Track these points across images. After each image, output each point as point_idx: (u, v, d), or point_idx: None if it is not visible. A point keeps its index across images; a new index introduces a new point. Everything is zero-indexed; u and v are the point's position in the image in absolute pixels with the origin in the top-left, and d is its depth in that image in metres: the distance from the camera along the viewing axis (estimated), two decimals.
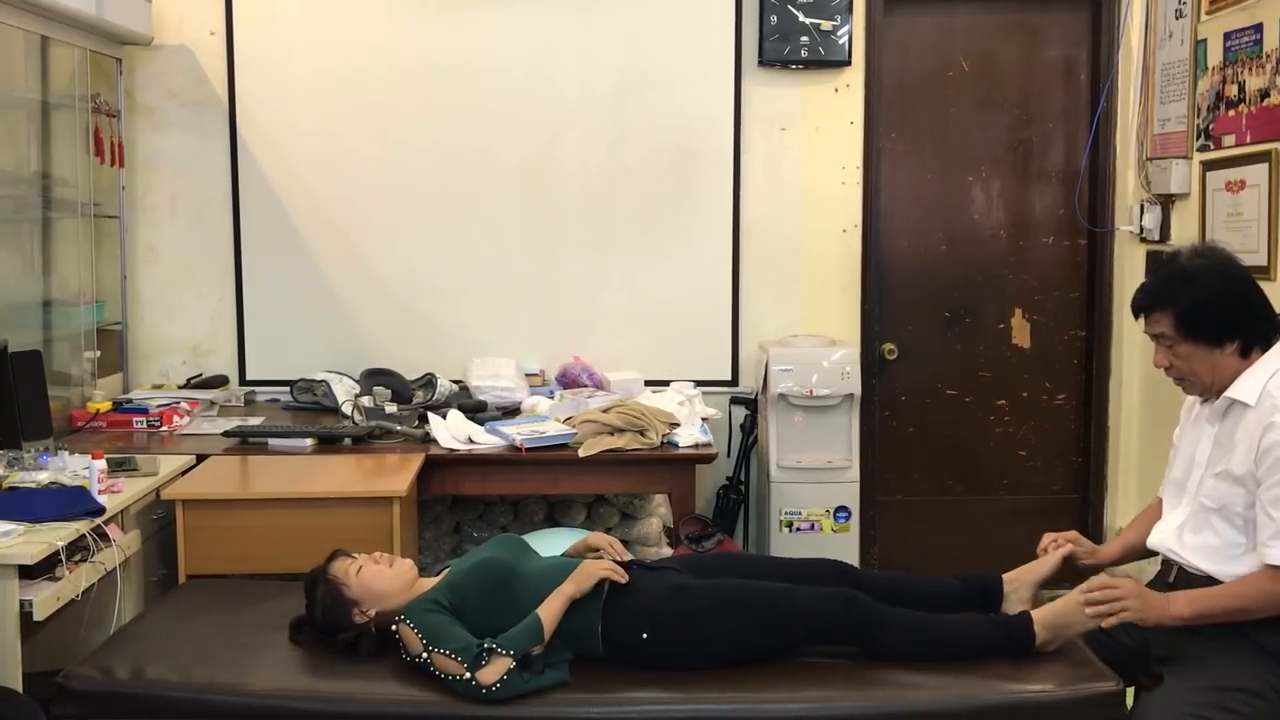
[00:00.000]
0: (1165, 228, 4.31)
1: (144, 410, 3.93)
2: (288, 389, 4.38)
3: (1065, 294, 4.70)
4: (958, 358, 4.70)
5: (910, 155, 4.65)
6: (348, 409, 3.95)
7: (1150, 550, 2.63)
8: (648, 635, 2.42)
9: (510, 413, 4.08)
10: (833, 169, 4.56)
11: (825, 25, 4.41)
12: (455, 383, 4.29)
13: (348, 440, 3.70)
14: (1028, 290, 4.69)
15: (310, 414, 4.18)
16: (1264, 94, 3.67)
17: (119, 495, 3.04)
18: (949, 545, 4.68)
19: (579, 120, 4.50)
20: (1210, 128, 4.00)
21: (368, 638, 2.48)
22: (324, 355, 4.49)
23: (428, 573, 2.71)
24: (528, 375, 4.39)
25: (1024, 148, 4.66)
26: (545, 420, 3.83)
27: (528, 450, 3.60)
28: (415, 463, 3.44)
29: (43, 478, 3.07)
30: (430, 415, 3.82)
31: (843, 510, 4.22)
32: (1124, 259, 4.57)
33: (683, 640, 2.43)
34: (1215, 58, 3.95)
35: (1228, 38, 3.87)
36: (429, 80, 4.47)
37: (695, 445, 3.75)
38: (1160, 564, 2.61)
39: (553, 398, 4.12)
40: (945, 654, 2.44)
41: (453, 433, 3.71)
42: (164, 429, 3.89)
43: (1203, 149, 4.05)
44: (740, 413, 4.54)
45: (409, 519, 3.32)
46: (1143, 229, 4.40)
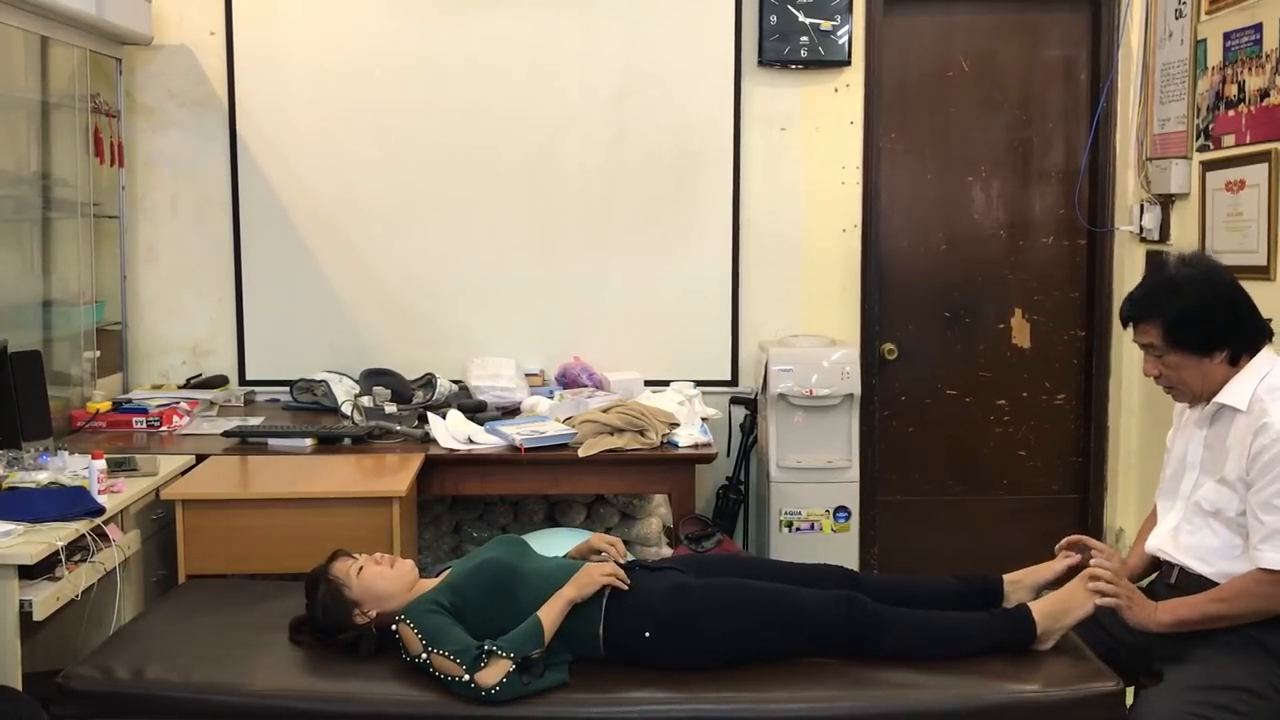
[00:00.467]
0: (1165, 228, 4.31)
1: (144, 410, 3.93)
2: (287, 389, 4.38)
3: (1065, 294, 4.70)
4: (958, 358, 4.70)
5: (910, 155, 4.65)
6: (347, 409, 3.94)
7: (1158, 564, 2.64)
8: (650, 635, 2.42)
9: (510, 413, 4.08)
10: (833, 169, 4.56)
11: (825, 25, 4.41)
12: (455, 383, 4.29)
13: (347, 440, 3.70)
14: (1028, 290, 4.69)
15: (310, 414, 4.18)
16: (1264, 94, 3.67)
17: (119, 495, 3.04)
18: (949, 545, 4.68)
19: (579, 120, 4.50)
20: (1210, 128, 4.00)
21: (368, 638, 2.48)
22: (324, 355, 4.49)
23: (428, 573, 2.71)
24: (527, 375, 4.39)
25: (1024, 148, 4.66)
26: (545, 420, 3.82)
27: (527, 450, 3.60)
28: (415, 463, 3.44)
29: (42, 478, 3.07)
30: (430, 415, 3.82)
31: (842, 510, 4.22)
32: (1124, 259, 4.56)
33: (684, 640, 2.43)
34: (1215, 58, 3.95)
35: (1227, 38, 3.87)
36: (429, 80, 4.47)
37: (695, 445, 3.75)
38: (1161, 566, 2.61)
39: (552, 398, 4.12)
40: (947, 651, 2.45)
41: (452, 433, 3.71)
42: (164, 429, 3.89)
43: (1202, 149, 4.05)
44: (740, 413, 4.54)
45: (409, 519, 3.32)
46: (1142, 229, 4.40)
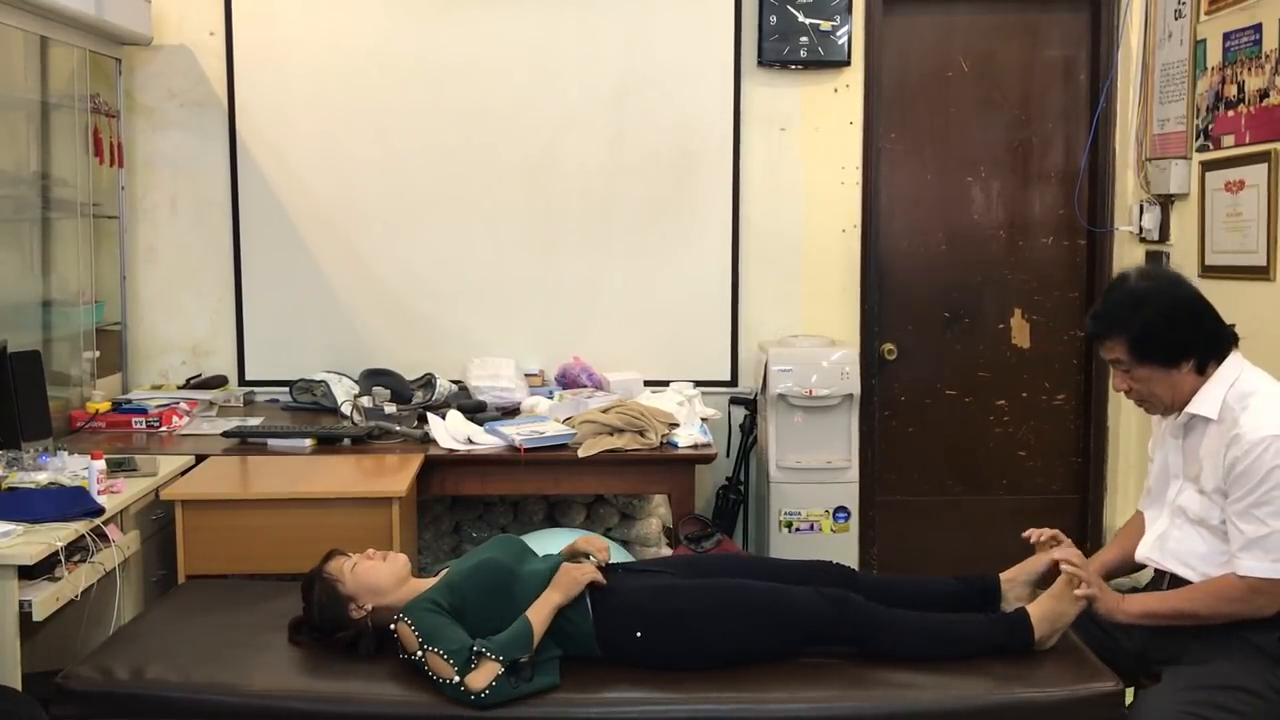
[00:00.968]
0: (1165, 228, 4.31)
1: (143, 410, 3.93)
2: (287, 389, 4.38)
3: (1065, 294, 4.70)
4: (957, 358, 4.70)
5: (910, 155, 4.65)
6: (347, 409, 3.94)
7: (1134, 566, 2.65)
8: (641, 634, 2.42)
9: (510, 413, 4.08)
10: (832, 169, 4.56)
11: (825, 25, 4.41)
12: (454, 383, 4.29)
13: (347, 440, 3.70)
14: (1027, 290, 4.69)
15: (309, 414, 4.18)
16: (1263, 94, 3.67)
17: (118, 495, 3.04)
18: (949, 545, 4.68)
19: (579, 120, 4.50)
20: (1209, 128, 4.00)
21: (367, 637, 2.48)
22: (323, 355, 4.49)
23: (427, 573, 2.71)
24: (527, 375, 4.39)
25: (1024, 148, 4.66)
26: (545, 420, 3.83)
27: (527, 450, 3.60)
28: (414, 463, 3.44)
29: (42, 478, 3.07)
30: (429, 415, 3.82)
31: (842, 510, 4.22)
32: (1123, 259, 4.56)
33: (677, 640, 2.43)
34: (1214, 58, 3.95)
35: (1227, 38, 3.87)
36: (429, 80, 4.47)
37: (695, 445, 3.75)
38: (1153, 573, 2.62)
39: (552, 398, 4.12)
40: (944, 653, 2.44)
41: (452, 433, 3.71)
42: (163, 429, 3.89)
43: (1202, 149, 4.05)
44: (740, 413, 4.54)
45: (408, 519, 3.32)
46: (1142, 229, 4.40)
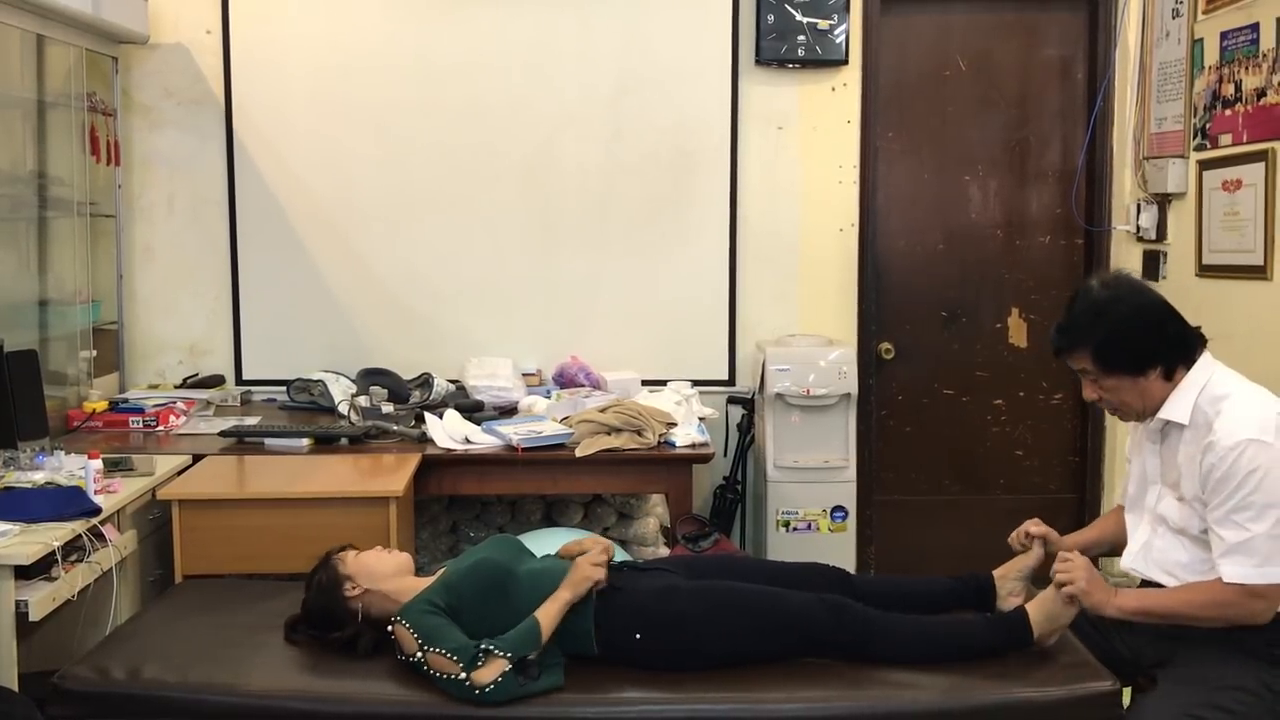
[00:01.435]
0: (1162, 227, 4.31)
1: (140, 410, 3.93)
2: (284, 389, 4.37)
3: (1062, 293, 4.68)
4: (955, 357, 4.70)
5: (907, 154, 4.65)
6: (344, 409, 3.94)
7: (1110, 549, 2.66)
8: (640, 636, 2.42)
9: (507, 412, 4.08)
10: (830, 168, 4.56)
11: (822, 24, 4.41)
12: (452, 382, 4.29)
13: (344, 440, 3.70)
14: (1025, 289, 4.69)
15: (307, 414, 4.17)
16: (1261, 93, 3.67)
17: (115, 495, 3.04)
18: (946, 545, 4.68)
19: (577, 119, 4.50)
20: (1207, 127, 4.00)
21: (365, 636, 2.48)
22: (321, 355, 4.49)
23: (424, 572, 2.71)
24: (525, 375, 4.39)
25: (1021, 147, 4.66)
26: (542, 420, 3.82)
27: (524, 450, 3.60)
28: (412, 463, 3.44)
29: (39, 478, 3.06)
30: (427, 415, 3.82)
31: (840, 510, 4.22)
32: (1121, 258, 4.57)
33: (675, 641, 2.42)
34: (1212, 57, 3.95)
35: (1224, 37, 3.87)
36: (427, 79, 4.47)
37: (692, 445, 3.74)
38: (1140, 583, 2.62)
39: (550, 397, 4.12)
40: (943, 656, 2.44)
41: (449, 432, 3.71)
42: (160, 429, 3.88)
43: (1199, 148, 4.06)
44: (737, 412, 4.54)
45: (405, 519, 3.31)
46: (1139, 228, 4.40)
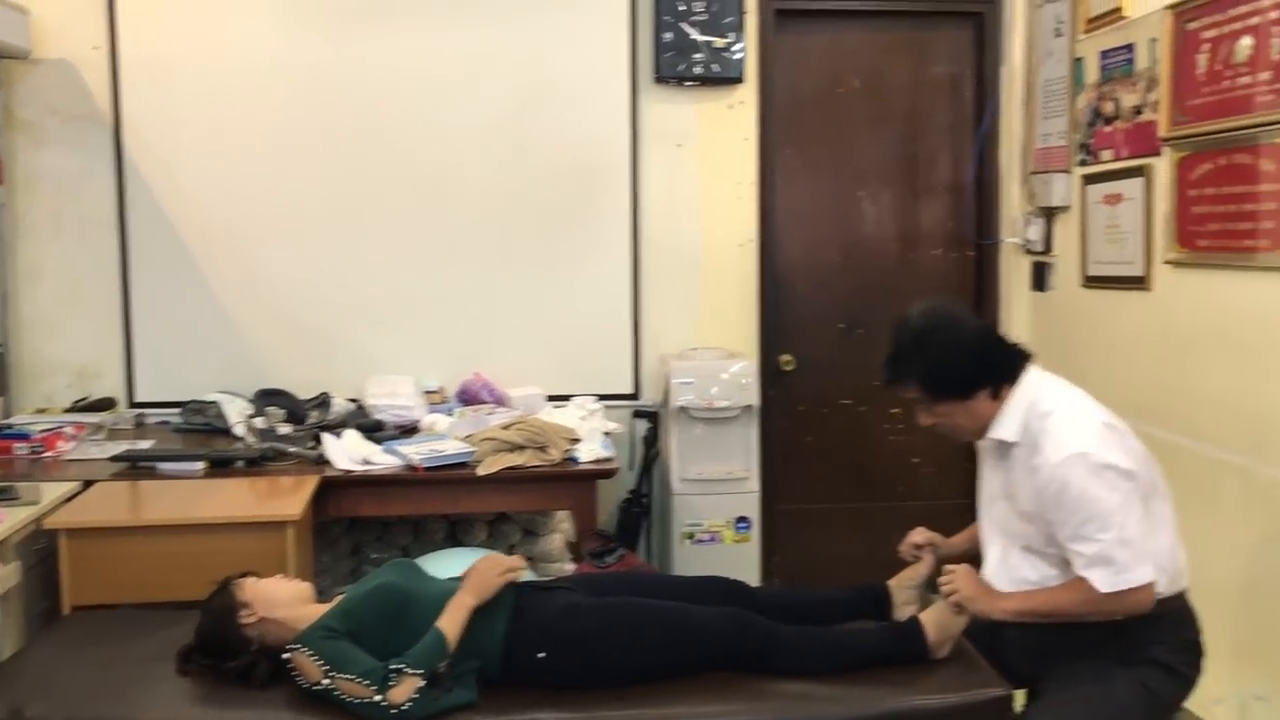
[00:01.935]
0: (1048, 240, 4.45)
1: (26, 435, 3.80)
2: (178, 411, 4.27)
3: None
4: (853, 368, 4.78)
5: (804, 170, 4.73)
6: (240, 430, 3.87)
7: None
8: (545, 655, 2.42)
9: (408, 431, 4.03)
10: (729, 184, 4.61)
11: (719, 43, 4.47)
12: (352, 401, 4.24)
13: (240, 463, 3.63)
14: (919, 301, 4.77)
15: (202, 436, 4.08)
16: (1138, 110, 3.81)
17: None
18: (848, 552, 4.75)
19: (477, 136, 4.48)
20: (1089, 143, 4.14)
21: (261, 665, 2.44)
22: (216, 376, 4.39)
23: (325, 597, 2.67)
24: (427, 393, 4.36)
25: (913, 162, 4.77)
26: (444, 439, 3.80)
27: (426, 470, 3.57)
28: (310, 485, 3.39)
29: None
30: (325, 436, 3.76)
31: (743, 521, 4.26)
32: (1010, 270, 4.70)
33: (580, 659, 2.43)
34: (1092, 75, 4.09)
35: (1104, 56, 4.01)
36: (323, 94, 4.41)
37: (597, 460, 3.75)
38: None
39: (452, 415, 4.09)
40: (842, 666, 2.48)
41: (348, 453, 3.66)
42: (48, 454, 3.76)
43: (1082, 163, 4.19)
44: (642, 426, 4.56)
45: (304, 542, 3.26)
46: (1027, 241, 4.54)
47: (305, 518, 3.24)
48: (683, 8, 4.43)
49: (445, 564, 3.24)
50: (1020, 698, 2.53)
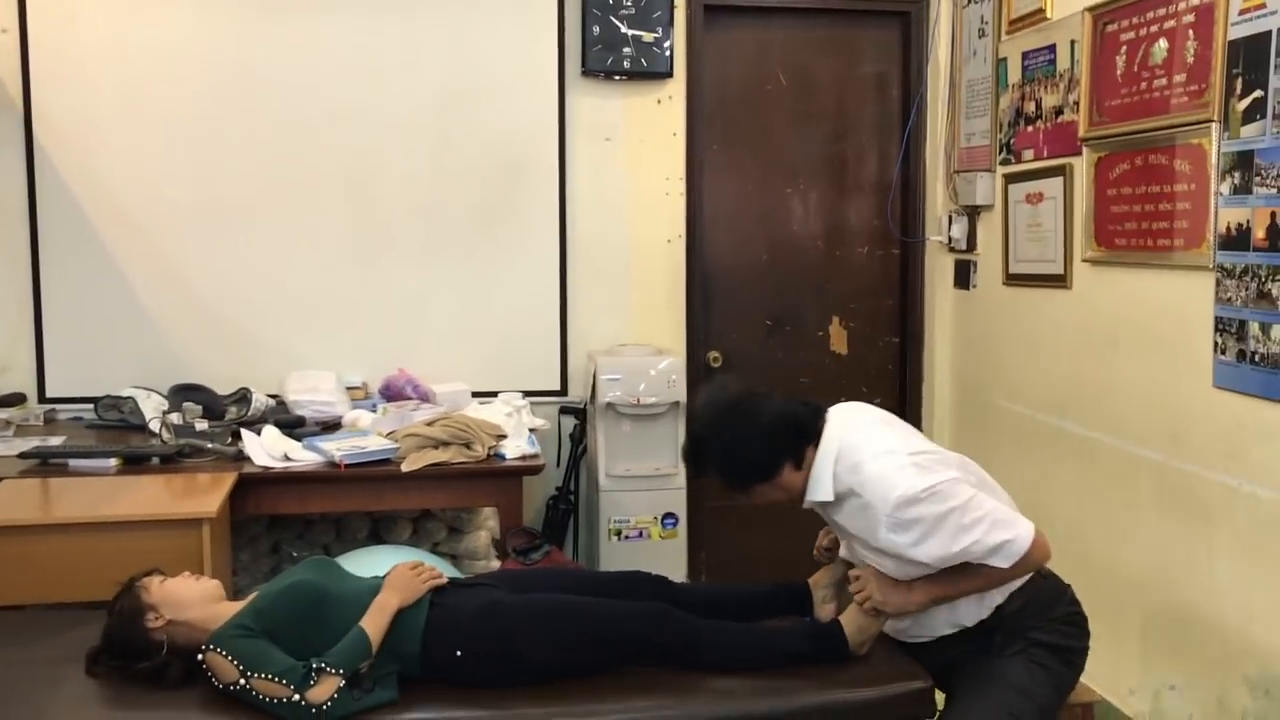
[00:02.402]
0: (972, 238, 4.51)
1: None
2: (92, 406, 4.16)
3: (880, 302, 4.86)
4: (780, 364, 4.80)
5: (732, 167, 4.73)
6: (155, 426, 3.78)
7: None
8: (461, 653, 2.39)
9: (330, 428, 3.97)
10: (657, 180, 4.61)
11: (647, 37, 4.46)
12: (272, 397, 4.15)
13: (155, 459, 3.54)
14: (844, 298, 4.83)
15: (116, 432, 3.97)
16: (1059, 111, 3.88)
17: None
18: (774, 549, 4.73)
19: (402, 129, 4.42)
20: (1011, 142, 4.20)
21: (174, 666, 2.38)
22: (131, 370, 4.28)
23: (244, 594, 2.62)
24: (350, 388, 4.29)
25: (840, 160, 4.80)
26: (366, 435, 3.74)
27: (347, 466, 3.51)
28: (227, 482, 3.31)
29: None
30: (244, 432, 3.69)
31: (670, 517, 4.26)
32: (934, 268, 4.76)
33: (498, 657, 2.41)
34: (1015, 75, 4.15)
35: (1026, 57, 4.07)
36: (245, 86, 4.32)
37: (523, 457, 3.71)
38: None
39: (376, 411, 4.03)
40: (763, 662, 2.49)
41: (268, 450, 3.59)
42: None
43: (1005, 162, 4.25)
44: (569, 422, 4.54)
45: (221, 541, 3.19)
46: (951, 239, 4.60)
47: (222, 515, 3.17)
48: (611, 1, 4.41)
49: (367, 562, 3.19)
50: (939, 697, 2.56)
